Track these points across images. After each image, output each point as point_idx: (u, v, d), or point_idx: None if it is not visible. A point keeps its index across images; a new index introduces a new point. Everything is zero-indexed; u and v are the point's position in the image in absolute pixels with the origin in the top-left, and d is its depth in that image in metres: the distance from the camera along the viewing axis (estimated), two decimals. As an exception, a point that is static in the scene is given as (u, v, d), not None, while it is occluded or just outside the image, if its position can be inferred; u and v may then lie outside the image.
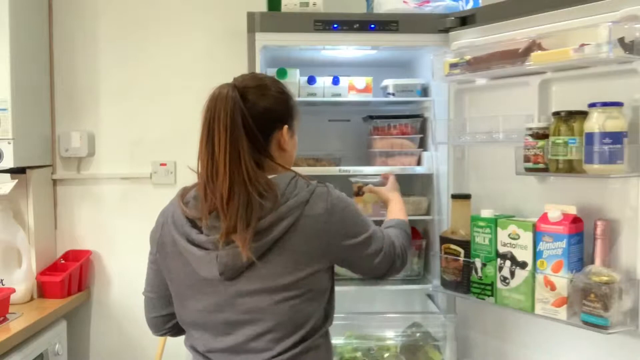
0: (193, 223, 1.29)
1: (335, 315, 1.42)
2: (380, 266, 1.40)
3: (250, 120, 1.27)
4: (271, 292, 1.25)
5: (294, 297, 1.25)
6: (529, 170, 1.67)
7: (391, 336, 2.16)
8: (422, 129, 2.33)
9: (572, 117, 1.57)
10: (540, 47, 1.66)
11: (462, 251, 1.86)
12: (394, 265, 1.43)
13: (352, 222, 1.33)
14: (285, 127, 1.35)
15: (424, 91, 2.30)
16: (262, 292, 1.25)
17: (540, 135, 1.64)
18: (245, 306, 1.26)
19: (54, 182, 2.53)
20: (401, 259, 1.46)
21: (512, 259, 1.71)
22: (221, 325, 1.29)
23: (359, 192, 2.10)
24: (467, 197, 1.91)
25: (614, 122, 1.48)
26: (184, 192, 1.35)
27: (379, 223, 2.29)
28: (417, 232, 2.38)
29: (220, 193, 1.22)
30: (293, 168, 1.38)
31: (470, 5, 2.16)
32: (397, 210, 1.75)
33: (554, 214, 1.60)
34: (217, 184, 1.23)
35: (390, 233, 1.50)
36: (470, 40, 1.93)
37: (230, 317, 1.27)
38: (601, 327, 1.49)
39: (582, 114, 1.55)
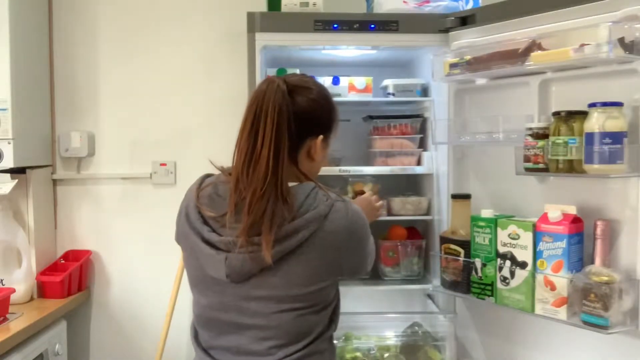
0: (205, 220, 1.26)
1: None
2: (360, 271, 1.37)
3: (293, 119, 1.23)
4: (279, 300, 1.23)
5: (301, 308, 1.24)
6: (529, 170, 1.67)
7: (391, 336, 2.16)
8: (422, 129, 2.33)
9: (572, 117, 1.57)
10: (540, 47, 1.66)
11: (462, 251, 1.86)
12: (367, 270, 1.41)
13: (366, 241, 1.32)
14: (321, 137, 1.31)
15: (424, 91, 2.30)
16: (269, 300, 1.23)
17: (540, 135, 1.64)
18: (250, 310, 1.24)
19: (54, 182, 2.52)
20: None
21: (512, 259, 1.71)
22: (225, 324, 1.28)
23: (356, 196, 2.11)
24: (467, 197, 1.91)
25: (614, 122, 1.48)
26: (202, 184, 1.31)
27: (378, 223, 2.31)
28: (417, 232, 2.38)
29: (254, 187, 1.19)
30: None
31: (470, 5, 2.16)
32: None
33: (554, 214, 1.60)
34: (254, 177, 1.20)
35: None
36: (470, 40, 1.94)
37: (234, 318, 1.26)
38: (601, 327, 1.49)
39: (582, 114, 1.55)
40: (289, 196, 1.20)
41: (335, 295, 1.33)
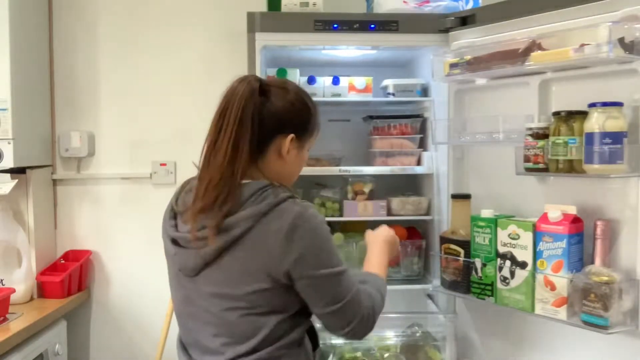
0: (174, 218, 1.30)
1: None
2: (334, 318, 1.23)
3: (258, 117, 1.23)
4: (222, 297, 1.23)
5: (243, 308, 1.21)
6: (529, 170, 1.67)
7: (391, 336, 2.16)
8: (422, 129, 2.33)
9: (572, 117, 1.57)
10: (540, 47, 1.66)
11: (462, 251, 1.86)
12: (350, 325, 1.24)
13: (321, 254, 1.21)
14: (292, 136, 1.28)
15: (424, 91, 2.30)
16: (213, 297, 1.23)
17: (540, 135, 1.64)
18: (202, 306, 1.26)
19: (54, 182, 2.52)
20: (364, 323, 1.25)
21: (512, 259, 1.71)
22: (189, 319, 1.30)
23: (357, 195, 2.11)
24: (467, 197, 1.91)
25: (614, 122, 1.48)
26: (185, 183, 1.36)
27: (378, 224, 2.29)
28: (417, 232, 2.38)
29: (211, 175, 1.21)
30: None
31: (470, 5, 2.16)
32: (376, 262, 1.47)
33: (554, 214, 1.60)
34: (213, 166, 1.22)
35: (362, 290, 1.28)
36: (470, 40, 1.93)
37: (193, 311, 1.28)
38: (601, 327, 1.49)
39: (582, 114, 1.55)
40: (238, 189, 1.20)
41: (292, 303, 1.24)
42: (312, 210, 1.23)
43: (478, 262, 1.80)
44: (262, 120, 1.24)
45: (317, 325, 1.33)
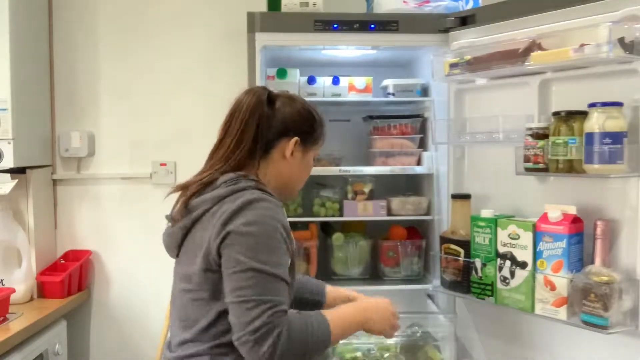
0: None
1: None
2: (235, 310, 1.14)
3: (266, 122, 1.31)
4: (181, 279, 1.30)
5: (190, 291, 1.26)
6: (529, 170, 1.67)
7: (391, 336, 2.15)
8: (422, 129, 2.33)
9: (572, 117, 1.57)
10: (540, 47, 1.66)
11: (462, 251, 1.86)
12: (241, 339, 1.12)
13: (247, 237, 1.17)
14: (296, 139, 1.35)
15: (424, 91, 2.30)
16: (179, 279, 1.32)
17: (540, 135, 1.64)
18: (174, 291, 1.34)
19: (54, 182, 2.52)
20: (259, 345, 1.10)
21: (512, 259, 1.71)
22: (172, 308, 1.36)
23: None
24: (467, 197, 1.91)
25: (614, 122, 1.48)
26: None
27: (378, 224, 2.30)
28: (417, 232, 2.38)
29: (210, 165, 1.34)
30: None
31: (470, 5, 2.16)
32: (353, 308, 1.36)
33: (554, 214, 1.60)
34: (213, 160, 1.33)
35: (293, 314, 1.17)
36: (470, 40, 1.93)
37: (172, 299, 1.36)
38: (601, 327, 1.49)
39: (582, 114, 1.55)
40: (219, 177, 1.29)
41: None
42: (267, 204, 1.21)
43: (478, 262, 1.80)
44: (269, 124, 1.32)
45: None
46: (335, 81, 2.26)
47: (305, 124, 1.38)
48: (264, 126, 1.31)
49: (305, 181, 1.46)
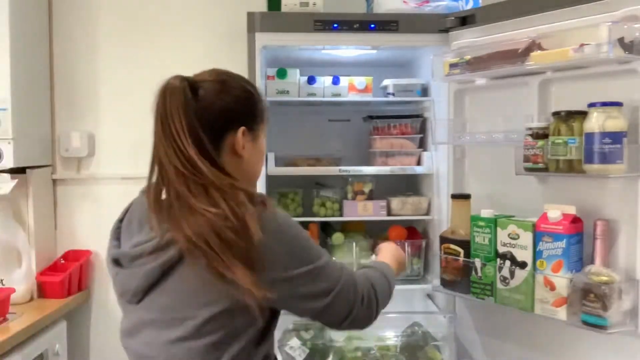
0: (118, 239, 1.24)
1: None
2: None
3: (196, 119, 1.11)
4: (158, 325, 1.10)
5: (183, 339, 1.07)
6: (528, 170, 1.67)
7: (391, 336, 2.16)
8: (422, 129, 2.33)
9: (572, 117, 1.57)
10: (540, 47, 1.66)
11: (462, 251, 1.86)
12: (352, 313, 1.16)
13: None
14: (242, 129, 1.17)
15: (424, 91, 2.30)
16: (150, 325, 1.11)
17: (540, 135, 1.64)
18: (141, 338, 1.12)
19: (54, 182, 2.52)
20: (366, 304, 1.18)
21: (512, 259, 1.70)
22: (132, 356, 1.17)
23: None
24: (467, 197, 1.91)
25: (614, 122, 1.48)
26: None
27: (378, 224, 2.30)
28: (417, 232, 2.38)
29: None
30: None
31: (470, 5, 2.16)
32: (386, 255, 1.44)
33: (554, 214, 1.60)
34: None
35: (358, 274, 1.23)
36: (470, 40, 1.94)
37: (138, 349, 1.14)
38: (601, 327, 1.49)
39: (582, 114, 1.55)
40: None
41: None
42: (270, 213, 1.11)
43: (478, 262, 1.80)
44: (202, 120, 1.12)
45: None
46: (335, 81, 2.26)
47: (242, 108, 1.19)
48: (202, 127, 1.12)
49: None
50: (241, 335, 1.08)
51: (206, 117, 1.13)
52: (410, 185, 2.44)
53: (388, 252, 1.45)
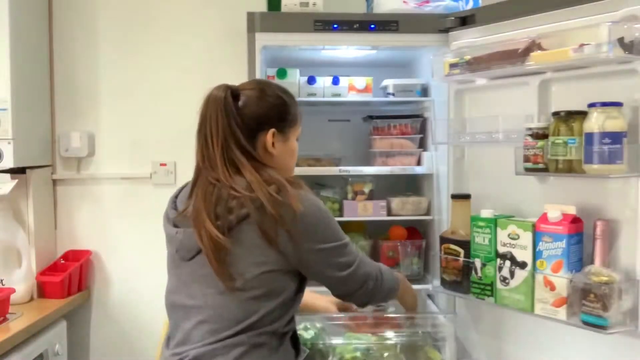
0: (174, 204, 1.42)
1: (335, 315, 1.41)
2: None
3: (236, 121, 1.35)
4: (207, 281, 1.28)
5: (234, 290, 1.27)
6: (528, 170, 1.67)
7: (391, 336, 2.15)
8: (422, 129, 2.33)
9: (571, 117, 1.57)
10: (540, 47, 1.66)
11: (462, 251, 1.86)
12: (362, 287, 1.43)
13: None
14: (272, 130, 1.39)
15: (424, 91, 2.30)
16: (198, 280, 1.30)
17: (540, 135, 1.64)
18: (193, 291, 1.31)
19: (54, 182, 2.52)
20: (374, 281, 1.46)
21: (512, 259, 1.70)
22: (178, 309, 1.34)
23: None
24: (467, 197, 1.91)
25: (614, 122, 1.48)
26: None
27: (378, 224, 2.29)
28: (417, 232, 2.38)
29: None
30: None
31: (470, 5, 2.16)
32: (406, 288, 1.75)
33: (554, 214, 1.60)
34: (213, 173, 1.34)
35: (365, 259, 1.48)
36: (470, 40, 1.93)
37: (184, 300, 1.33)
38: (601, 327, 1.49)
39: (582, 114, 1.55)
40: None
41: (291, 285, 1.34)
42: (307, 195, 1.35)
43: (478, 262, 1.80)
44: (241, 122, 1.36)
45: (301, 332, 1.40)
46: (335, 81, 2.26)
47: (275, 113, 1.41)
48: (236, 129, 1.35)
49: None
50: (278, 294, 1.30)
51: (244, 119, 1.36)
52: (410, 185, 2.44)
53: (407, 286, 1.73)
